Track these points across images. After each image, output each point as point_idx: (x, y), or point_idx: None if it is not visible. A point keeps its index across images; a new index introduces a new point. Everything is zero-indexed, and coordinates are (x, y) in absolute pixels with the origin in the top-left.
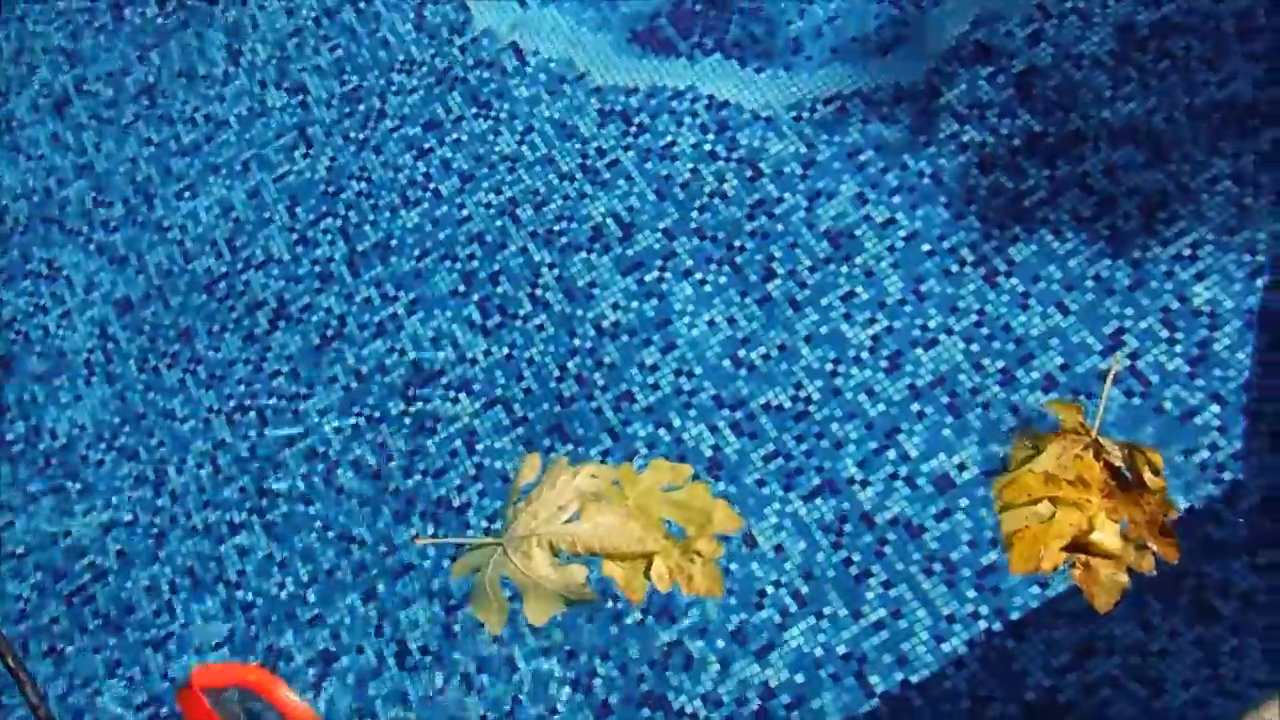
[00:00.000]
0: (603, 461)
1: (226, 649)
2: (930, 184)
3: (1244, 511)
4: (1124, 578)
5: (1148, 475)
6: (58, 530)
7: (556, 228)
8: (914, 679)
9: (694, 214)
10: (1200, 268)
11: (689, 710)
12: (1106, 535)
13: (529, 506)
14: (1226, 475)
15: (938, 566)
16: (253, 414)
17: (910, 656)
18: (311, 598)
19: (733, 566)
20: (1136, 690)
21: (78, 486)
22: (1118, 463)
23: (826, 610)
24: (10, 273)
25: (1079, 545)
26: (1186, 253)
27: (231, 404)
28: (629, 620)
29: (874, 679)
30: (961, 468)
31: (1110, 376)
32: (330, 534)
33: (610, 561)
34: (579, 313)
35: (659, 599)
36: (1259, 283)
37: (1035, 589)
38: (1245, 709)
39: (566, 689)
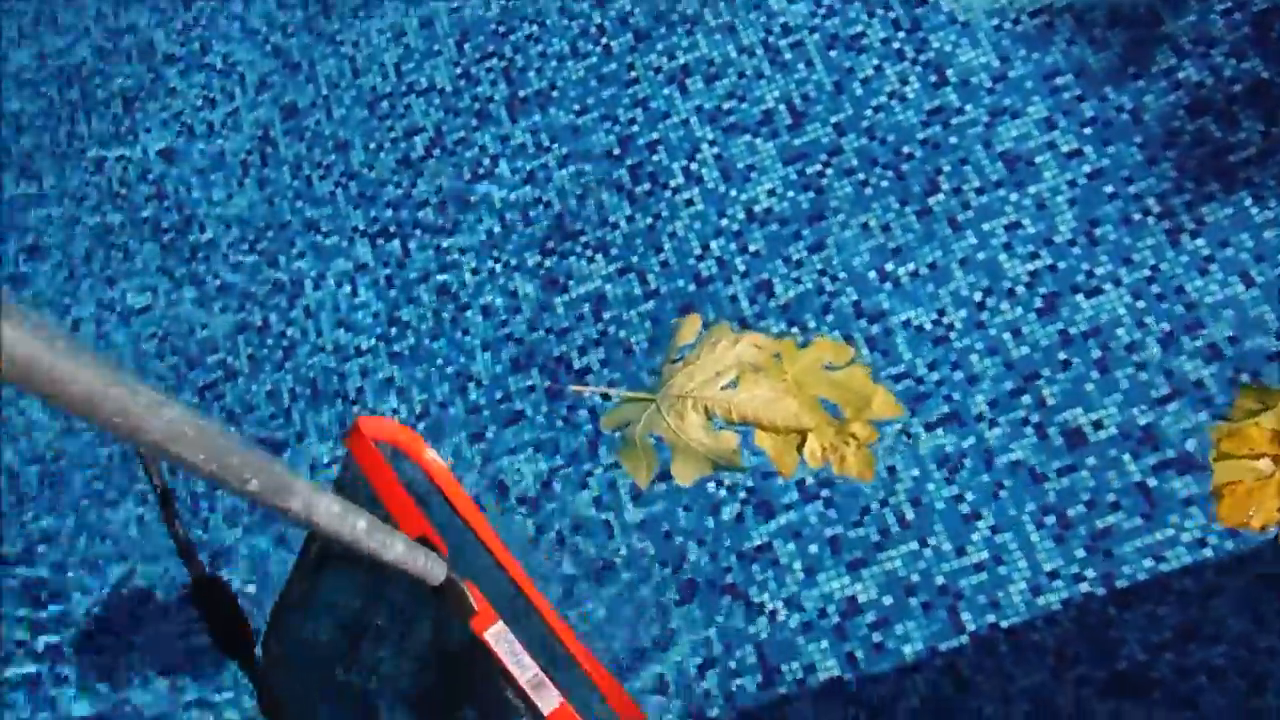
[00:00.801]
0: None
1: (334, 468)
2: (1128, 120)
3: None
4: None
5: None
6: (195, 323)
7: (725, 106)
8: (1005, 624)
9: (868, 112)
10: None
11: (769, 608)
12: None
13: (686, 367)
14: None
15: (1050, 520)
16: (396, 241)
17: (1004, 603)
18: (420, 429)
19: (840, 477)
20: (1236, 684)
21: (218, 284)
22: None
23: (930, 541)
24: (188, 63)
25: None
26: None
27: (377, 227)
28: (726, 514)
29: (965, 616)
30: (1098, 425)
31: None
32: (449, 370)
33: (763, 432)
34: (732, 193)
35: (758, 496)
36: None
37: (1149, 561)
38: None
39: (656, 565)
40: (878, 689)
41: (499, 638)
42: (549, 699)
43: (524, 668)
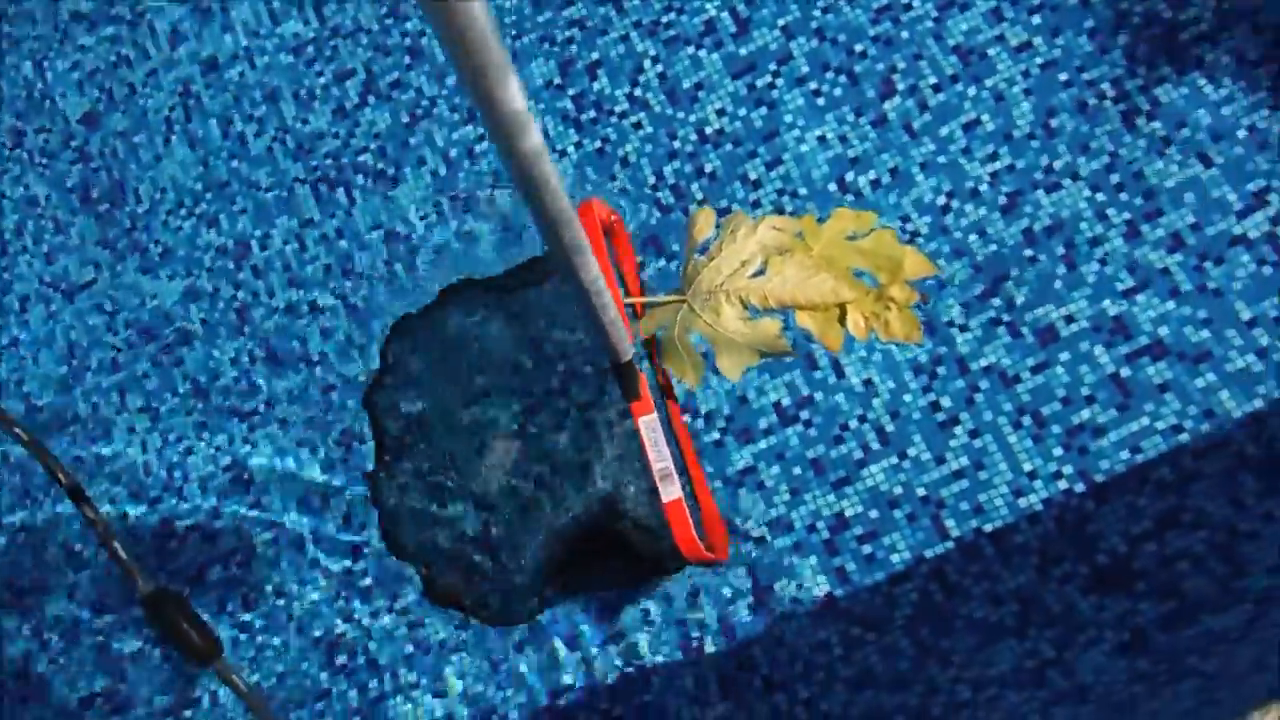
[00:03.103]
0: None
1: (307, 429)
2: (1077, 5)
3: None
4: None
5: None
6: (143, 293)
7: (665, 19)
8: (988, 528)
9: (816, 13)
10: None
11: (755, 534)
12: None
13: (711, 262)
14: None
15: (1027, 420)
16: (340, 191)
17: (987, 506)
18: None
19: (817, 396)
20: (1217, 568)
21: (160, 250)
22: None
23: (909, 452)
24: (94, 18)
25: None
26: None
27: (317, 175)
28: (706, 439)
29: (949, 523)
30: (1069, 320)
31: None
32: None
33: (803, 313)
34: (680, 115)
35: (737, 423)
36: None
37: (1125, 454)
38: None
39: None
40: (871, 600)
41: (649, 426)
42: (671, 490)
43: (661, 458)
